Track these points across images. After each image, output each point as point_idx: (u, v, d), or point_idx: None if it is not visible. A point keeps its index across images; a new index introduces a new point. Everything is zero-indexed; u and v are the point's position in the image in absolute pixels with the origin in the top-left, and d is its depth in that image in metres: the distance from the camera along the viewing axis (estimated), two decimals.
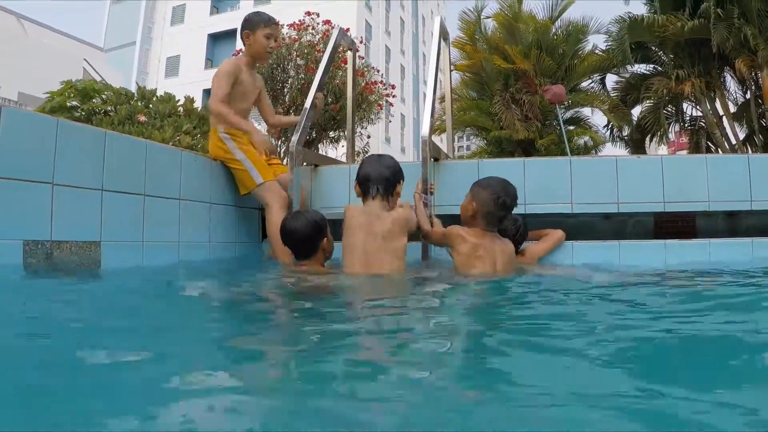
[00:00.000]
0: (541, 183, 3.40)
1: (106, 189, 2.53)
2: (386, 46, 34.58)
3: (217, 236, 3.27)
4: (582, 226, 3.42)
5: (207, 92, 29.30)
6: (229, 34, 31.40)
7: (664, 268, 3.17)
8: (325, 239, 2.80)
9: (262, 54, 3.52)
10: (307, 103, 3.44)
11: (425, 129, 3.09)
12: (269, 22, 3.50)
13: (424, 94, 4.74)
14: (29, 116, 2.33)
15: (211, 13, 34.63)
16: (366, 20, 31.44)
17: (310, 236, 2.75)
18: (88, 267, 2.43)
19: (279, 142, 7.80)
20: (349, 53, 4.40)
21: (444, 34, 3.82)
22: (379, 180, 2.78)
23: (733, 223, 3.42)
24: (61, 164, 2.31)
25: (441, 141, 8.84)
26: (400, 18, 38.24)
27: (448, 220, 3.01)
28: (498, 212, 2.73)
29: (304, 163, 3.58)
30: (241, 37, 3.51)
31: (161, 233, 2.90)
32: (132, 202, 2.71)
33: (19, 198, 2.14)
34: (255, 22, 3.47)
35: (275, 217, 3.14)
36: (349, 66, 4.37)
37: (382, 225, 2.71)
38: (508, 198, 2.75)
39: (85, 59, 22.59)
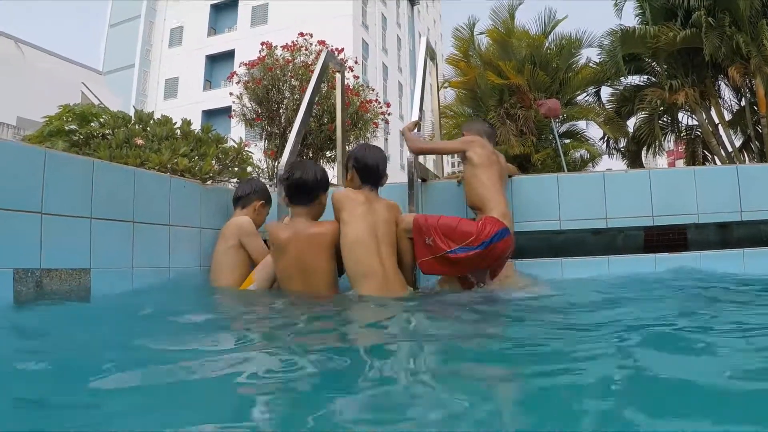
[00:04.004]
0: (529, 200, 3.42)
1: (94, 217, 2.55)
2: (383, 63, 34.77)
3: (208, 261, 3.28)
4: (571, 243, 3.42)
5: (206, 113, 29.57)
6: (227, 56, 31.61)
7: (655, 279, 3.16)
8: (323, 194, 2.93)
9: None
10: (295, 126, 3.46)
11: (410, 151, 3.11)
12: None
13: None
14: (17, 148, 2.36)
15: (209, 35, 34.89)
16: (363, 39, 31.66)
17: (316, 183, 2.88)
18: (77, 294, 2.45)
19: (275, 164, 7.83)
20: (338, 75, 4.44)
21: (431, 54, 3.86)
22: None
23: (724, 235, 3.43)
24: (49, 194, 2.34)
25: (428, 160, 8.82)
26: (397, 36, 38.48)
27: None
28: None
29: None
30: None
31: (151, 259, 2.92)
32: (121, 229, 2.73)
33: (8, 227, 2.17)
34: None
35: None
36: (338, 87, 4.41)
37: None
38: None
39: (83, 83, 22.71)
